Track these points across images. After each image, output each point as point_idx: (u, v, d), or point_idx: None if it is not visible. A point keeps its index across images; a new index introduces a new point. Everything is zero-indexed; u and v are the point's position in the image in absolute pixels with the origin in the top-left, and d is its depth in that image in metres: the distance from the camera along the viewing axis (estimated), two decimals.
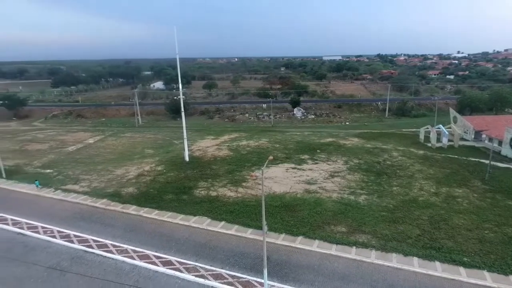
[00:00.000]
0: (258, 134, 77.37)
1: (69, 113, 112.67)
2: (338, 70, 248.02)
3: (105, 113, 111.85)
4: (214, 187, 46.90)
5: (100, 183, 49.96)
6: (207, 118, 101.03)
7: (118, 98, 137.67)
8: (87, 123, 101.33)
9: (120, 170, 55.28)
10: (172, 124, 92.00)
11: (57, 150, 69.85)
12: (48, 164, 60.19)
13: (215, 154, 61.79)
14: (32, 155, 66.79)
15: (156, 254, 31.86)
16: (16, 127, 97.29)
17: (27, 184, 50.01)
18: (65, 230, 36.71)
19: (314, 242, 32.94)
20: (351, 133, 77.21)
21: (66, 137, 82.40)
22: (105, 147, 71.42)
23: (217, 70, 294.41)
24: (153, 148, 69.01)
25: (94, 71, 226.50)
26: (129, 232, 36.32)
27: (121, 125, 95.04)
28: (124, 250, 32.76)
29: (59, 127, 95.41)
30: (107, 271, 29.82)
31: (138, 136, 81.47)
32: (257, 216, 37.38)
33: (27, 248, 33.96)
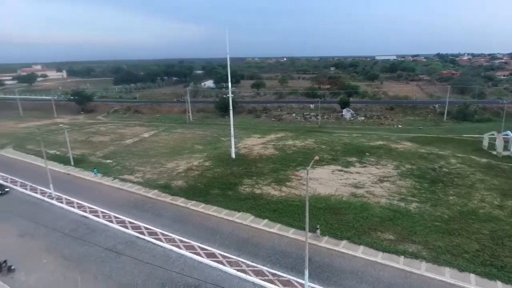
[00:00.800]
0: (305, 134, 76.58)
1: (128, 108, 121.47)
2: (392, 70, 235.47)
3: (160, 110, 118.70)
4: (258, 184, 47.49)
5: (153, 174, 53.26)
6: (254, 116, 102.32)
7: (172, 96, 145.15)
8: (143, 118, 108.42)
9: (171, 163, 58.39)
10: (221, 122, 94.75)
11: (117, 143, 75.80)
12: (109, 155, 65.62)
13: (260, 152, 62.47)
14: (95, 146, 73.33)
15: (201, 246, 33.19)
16: (83, 120, 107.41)
17: (90, 172, 55.07)
18: (121, 216, 39.83)
19: (359, 248, 31.88)
20: (404, 137, 73.02)
21: (125, 130, 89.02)
22: (158, 142, 75.85)
23: (266, 69, 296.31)
24: (201, 144, 71.76)
25: (151, 70, 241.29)
26: (177, 222, 38.29)
27: (173, 121, 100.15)
28: (172, 239, 34.63)
29: (118, 121, 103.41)
30: (156, 257, 31.79)
31: (188, 132, 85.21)
32: (300, 217, 37.16)
33: (89, 229, 37.46)
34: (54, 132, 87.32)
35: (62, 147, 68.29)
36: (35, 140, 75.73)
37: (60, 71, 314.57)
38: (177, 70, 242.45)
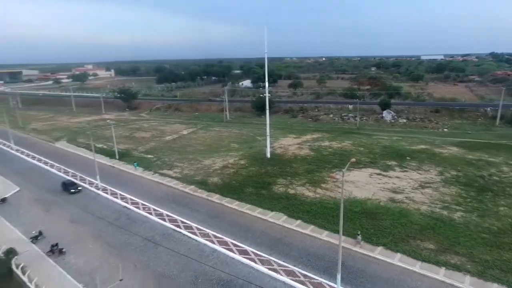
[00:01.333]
0: (342, 136, 74.86)
1: (169, 106, 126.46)
2: (439, 70, 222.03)
3: (198, 108, 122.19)
4: (292, 185, 47.32)
5: (190, 170, 55.12)
6: (291, 116, 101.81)
7: (210, 95, 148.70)
8: (182, 116, 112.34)
9: (207, 160, 60.02)
10: (257, 121, 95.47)
11: (157, 139, 79.36)
12: (150, 150, 68.93)
13: (296, 152, 62.12)
14: (138, 141, 77.38)
15: (234, 242, 33.84)
16: (127, 117, 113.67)
17: (133, 166, 58.21)
18: (159, 209, 41.75)
19: (396, 255, 30.67)
20: (449, 141, 68.68)
21: (165, 127, 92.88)
22: (196, 139, 78.24)
23: (304, 69, 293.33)
24: (237, 143, 72.88)
25: (191, 69, 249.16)
26: (212, 218, 39.35)
27: (211, 120, 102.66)
28: (206, 234, 35.67)
29: (160, 119, 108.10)
30: (191, 250, 32.96)
31: (225, 130, 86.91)
32: (334, 219, 36.51)
33: (130, 220, 39.73)
34: (102, 127, 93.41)
35: (109, 142, 72.88)
36: (85, 134, 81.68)
37: (108, 71, 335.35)
38: (216, 69, 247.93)
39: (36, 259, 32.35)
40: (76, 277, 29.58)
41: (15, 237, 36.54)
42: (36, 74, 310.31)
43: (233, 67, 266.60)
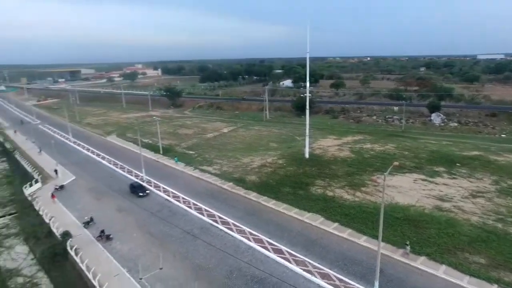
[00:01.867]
0: (385, 139, 71.78)
1: (211, 105, 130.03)
2: (498, 71, 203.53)
3: (239, 107, 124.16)
4: (331, 187, 46.42)
5: (229, 168, 56.30)
6: (332, 117, 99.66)
7: (251, 94, 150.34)
8: (224, 114, 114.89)
9: (246, 159, 60.87)
10: (296, 121, 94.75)
11: (199, 136, 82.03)
12: (191, 147, 71.49)
13: (335, 154, 60.77)
14: (181, 138, 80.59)
15: (269, 241, 34.05)
16: (172, 114, 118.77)
17: (176, 161, 60.77)
18: (198, 203, 43.22)
19: (440, 267, 28.89)
20: (508, 148, 62.85)
21: (207, 125, 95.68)
22: (236, 137, 79.63)
23: (347, 69, 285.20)
24: (276, 142, 72.97)
25: (233, 69, 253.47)
26: (248, 215, 39.92)
27: (251, 119, 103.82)
28: (242, 230, 36.27)
29: (202, 116, 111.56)
30: (227, 245, 33.74)
31: (265, 130, 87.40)
32: (373, 224, 35.25)
33: (171, 212, 41.61)
34: (148, 123, 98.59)
35: (154, 137, 76.78)
36: (133, 130, 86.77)
37: (156, 70, 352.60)
38: (257, 69, 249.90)
39: (87, 243, 35.14)
40: (121, 262, 31.68)
41: (70, 221, 39.99)
42: (92, 73, 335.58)
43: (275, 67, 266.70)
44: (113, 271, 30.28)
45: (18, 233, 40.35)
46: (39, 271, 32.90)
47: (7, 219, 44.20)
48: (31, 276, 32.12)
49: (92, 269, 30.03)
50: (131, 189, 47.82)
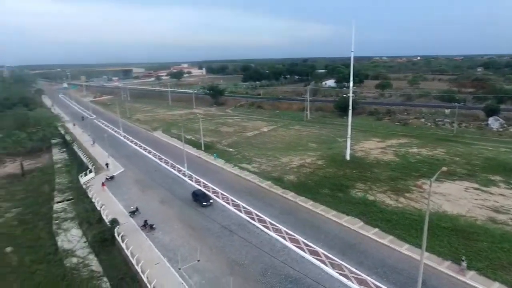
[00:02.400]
0: (434, 143, 67.45)
1: (252, 104, 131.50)
2: None
3: (280, 106, 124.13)
4: (372, 191, 44.76)
5: (268, 166, 56.59)
6: (376, 119, 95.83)
7: (292, 93, 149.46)
8: (264, 113, 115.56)
9: (285, 158, 60.75)
10: (338, 122, 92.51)
11: (239, 134, 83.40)
12: (232, 144, 72.93)
13: (378, 157, 58.40)
14: (222, 135, 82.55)
15: (305, 241, 33.74)
16: (214, 112, 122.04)
17: (215, 157, 62.39)
18: (236, 200, 44.04)
19: (493, 285, 26.68)
20: None
21: (247, 124, 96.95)
22: (276, 136, 79.75)
23: (395, 69, 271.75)
24: (316, 143, 71.88)
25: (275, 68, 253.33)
26: (285, 215, 39.87)
27: (291, 118, 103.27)
28: (278, 229, 36.33)
29: (243, 115, 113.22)
30: (263, 243, 34.02)
31: (305, 130, 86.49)
32: (417, 232, 33.43)
33: (210, 207, 42.84)
34: (191, 120, 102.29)
35: (196, 134, 79.47)
36: (177, 126, 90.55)
37: (201, 69, 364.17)
38: (299, 69, 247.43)
39: (132, 231, 37.46)
40: (162, 251, 33.35)
41: (118, 210, 42.89)
42: (142, 72, 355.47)
43: (317, 67, 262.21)
44: (155, 259, 31.98)
45: (74, 218, 44.12)
46: (90, 253, 35.72)
47: (65, 204, 48.51)
48: (83, 258, 34.98)
49: (136, 255, 31.97)
50: (193, 197, 44.63)
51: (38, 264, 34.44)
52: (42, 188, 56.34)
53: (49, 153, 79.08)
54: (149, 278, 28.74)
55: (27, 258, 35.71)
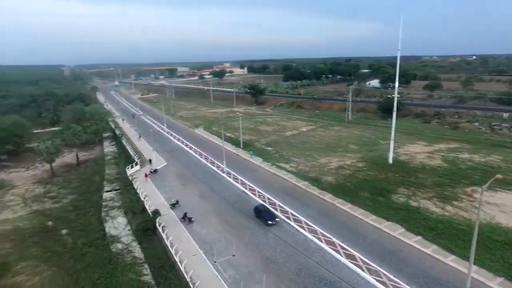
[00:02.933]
0: (488, 149, 62.19)
1: (292, 103, 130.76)
2: None
3: (320, 106, 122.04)
4: (416, 197, 42.51)
5: (305, 167, 56.03)
6: (422, 121, 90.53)
7: (333, 93, 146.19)
8: (304, 113, 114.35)
9: (323, 159, 59.73)
10: (381, 123, 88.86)
11: (278, 133, 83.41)
12: (270, 143, 73.19)
13: (424, 162, 55.22)
14: (261, 134, 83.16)
15: (342, 244, 32.99)
16: (254, 111, 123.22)
17: (254, 155, 63.05)
18: (273, 198, 44.20)
19: None
20: None
21: (286, 123, 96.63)
22: (315, 137, 78.61)
23: (446, 69, 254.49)
24: (357, 144, 69.71)
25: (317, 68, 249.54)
26: (321, 216, 39.26)
27: (331, 119, 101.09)
28: (314, 230, 35.89)
29: (282, 115, 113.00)
30: (298, 242, 33.83)
31: (345, 131, 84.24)
32: (464, 244, 31.21)
33: (247, 204, 43.44)
34: (231, 118, 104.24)
35: (236, 132, 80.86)
36: (218, 124, 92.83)
37: (242, 68, 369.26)
38: (342, 68, 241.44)
39: (172, 222, 39.18)
40: (199, 243, 34.52)
41: (160, 202, 45.09)
42: (186, 71, 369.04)
43: (361, 66, 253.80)
44: (192, 251, 33.21)
45: (120, 207, 47.18)
46: (133, 240, 38.01)
47: (113, 194, 52.01)
48: (127, 244, 37.31)
49: (174, 246, 33.43)
50: (256, 213, 39.40)
51: (88, 247, 37.36)
52: (93, 177, 60.88)
53: (100, 145, 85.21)
54: (186, 268, 29.93)
55: (80, 240, 38.89)
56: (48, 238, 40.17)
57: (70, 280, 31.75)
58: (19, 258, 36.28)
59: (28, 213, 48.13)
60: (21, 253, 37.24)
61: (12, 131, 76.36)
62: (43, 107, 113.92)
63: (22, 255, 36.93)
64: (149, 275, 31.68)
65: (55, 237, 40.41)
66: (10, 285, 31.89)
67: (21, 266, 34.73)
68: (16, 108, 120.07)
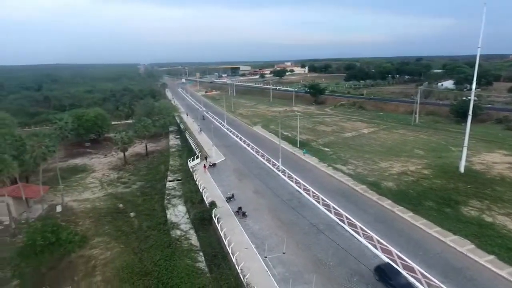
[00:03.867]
0: None
1: (353, 104, 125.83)
2: None
3: (384, 108, 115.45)
4: (491, 211, 38.11)
5: (364, 170, 53.71)
6: (505, 128, 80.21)
7: (400, 94, 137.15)
8: (365, 114, 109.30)
9: (384, 163, 56.60)
10: (453, 128, 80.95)
11: (337, 134, 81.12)
12: (328, 144, 71.57)
13: (504, 173, 49.06)
14: (318, 134, 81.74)
15: (399, 255, 31.10)
16: (313, 111, 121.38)
17: (310, 155, 62.33)
18: (327, 200, 43.31)
19: None
20: None
21: (346, 124, 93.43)
22: (376, 139, 74.74)
23: None
24: (423, 150, 64.56)
25: (383, 67, 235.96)
26: (379, 222, 37.39)
27: (396, 121, 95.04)
28: (370, 237, 34.37)
29: (342, 115, 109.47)
30: (351, 247, 32.74)
31: (411, 134, 78.54)
32: None
33: (300, 203, 43.29)
34: (290, 117, 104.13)
35: (293, 131, 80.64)
36: (276, 122, 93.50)
37: (303, 67, 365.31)
38: (411, 68, 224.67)
39: (227, 215, 40.75)
40: (251, 238, 35.40)
41: (217, 194, 47.18)
42: (248, 70, 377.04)
43: (433, 66, 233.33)
44: (244, 244, 34.21)
45: (181, 196, 50.52)
46: (191, 229, 40.49)
47: (175, 183, 55.87)
48: (185, 232, 39.88)
49: (228, 237, 34.79)
50: (376, 273, 28.18)
51: (151, 230, 40.80)
52: (159, 167, 66.02)
53: (166, 138, 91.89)
54: (237, 260, 30.98)
55: (144, 224, 42.66)
56: (118, 219, 44.82)
57: (135, 258, 35.05)
58: (95, 234, 41.14)
59: (104, 195, 54.15)
60: (97, 230, 42.17)
61: (95, 122, 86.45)
62: (120, 101, 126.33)
63: (98, 231, 41.80)
64: (203, 262, 33.53)
65: (125, 218, 44.91)
66: (87, 256, 36.38)
67: (96, 241, 39.34)
68: (99, 101, 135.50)
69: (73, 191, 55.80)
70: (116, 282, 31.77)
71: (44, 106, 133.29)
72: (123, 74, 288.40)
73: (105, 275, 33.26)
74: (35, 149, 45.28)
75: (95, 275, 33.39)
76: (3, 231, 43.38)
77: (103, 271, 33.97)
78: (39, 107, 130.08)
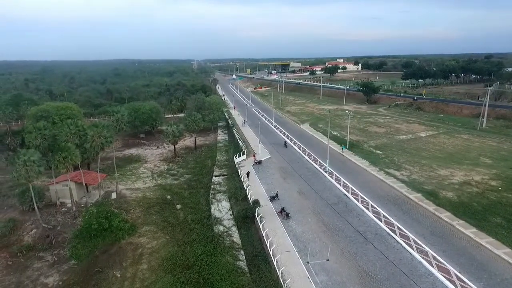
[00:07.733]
0: None
1: (410, 104, 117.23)
2: None
3: (445, 109, 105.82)
4: None
5: (420, 177, 49.49)
6: None
7: (465, 95, 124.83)
8: (423, 116, 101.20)
9: (444, 170, 51.64)
10: None
11: (390, 136, 76.08)
12: (380, 146, 67.36)
13: None
14: (370, 135, 77.41)
15: (459, 275, 27.86)
16: (365, 110, 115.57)
17: (360, 158, 59.14)
18: (377, 207, 40.53)
19: None
20: None
21: (401, 126, 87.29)
22: (435, 144, 68.67)
23: None
24: (491, 158, 57.75)
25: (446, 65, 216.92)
26: (435, 236, 34.02)
27: (459, 125, 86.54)
28: (424, 251, 31.36)
29: (397, 116, 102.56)
30: (402, 261, 30.13)
31: (476, 140, 70.81)
32: None
33: (347, 208, 41.09)
34: (340, 116, 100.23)
35: (343, 131, 77.38)
36: (325, 121, 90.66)
37: (356, 65, 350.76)
38: (479, 66, 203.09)
39: (270, 215, 40.07)
40: (293, 240, 34.32)
41: (261, 192, 46.74)
42: (298, 66, 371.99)
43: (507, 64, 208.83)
44: (286, 247, 33.27)
45: (225, 191, 51.03)
46: (233, 225, 40.58)
47: (221, 179, 56.66)
48: (228, 228, 40.08)
49: (269, 238, 34.10)
50: None
51: (195, 223, 41.74)
52: (206, 161, 67.64)
53: (214, 133, 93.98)
54: (278, 263, 30.18)
55: (189, 216, 43.82)
56: (166, 210, 46.62)
57: (178, 250, 36.02)
58: (143, 222, 43.21)
59: (154, 185, 56.81)
60: (145, 219, 44.25)
61: (150, 115, 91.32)
62: (173, 95, 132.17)
63: (146, 220, 43.85)
64: (243, 262, 33.29)
65: (171, 209, 46.59)
66: (135, 243, 38.26)
67: (145, 230, 41.26)
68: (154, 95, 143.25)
69: (126, 180, 59.36)
70: (160, 272, 32.88)
71: (106, 98, 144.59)
72: (178, 69, 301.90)
73: (150, 264, 34.66)
74: (94, 138, 48.78)
75: (141, 263, 34.93)
76: (66, 213, 47.51)
77: (149, 259, 35.43)
78: (102, 99, 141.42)
